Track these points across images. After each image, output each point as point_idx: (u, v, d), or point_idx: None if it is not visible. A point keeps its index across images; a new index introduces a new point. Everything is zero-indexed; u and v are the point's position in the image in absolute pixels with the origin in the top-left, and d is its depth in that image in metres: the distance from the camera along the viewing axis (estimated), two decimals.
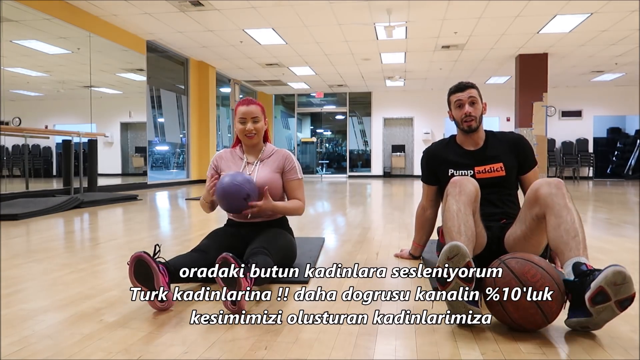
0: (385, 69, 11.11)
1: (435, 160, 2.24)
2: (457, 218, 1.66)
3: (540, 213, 1.67)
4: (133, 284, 1.61)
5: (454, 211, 1.68)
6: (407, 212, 4.88)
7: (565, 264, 1.48)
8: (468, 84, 2.12)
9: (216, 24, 7.51)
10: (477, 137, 2.17)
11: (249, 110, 2.15)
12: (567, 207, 1.58)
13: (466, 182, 1.76)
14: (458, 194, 1.72)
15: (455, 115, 2.15)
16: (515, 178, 2.16)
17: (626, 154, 14.28)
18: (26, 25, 6.21)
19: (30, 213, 4.34)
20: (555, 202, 1.60)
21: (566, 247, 1.50)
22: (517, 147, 2.16)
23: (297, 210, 2.24)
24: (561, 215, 1.57)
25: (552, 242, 1.57)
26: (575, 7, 6.67)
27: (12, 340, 1.38)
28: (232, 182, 1.99)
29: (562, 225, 1.55)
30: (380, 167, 14.82)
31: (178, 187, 9.07)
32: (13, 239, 3.16)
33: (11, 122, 5.82)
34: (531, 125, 9.96)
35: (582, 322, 1.38)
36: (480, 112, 2.12)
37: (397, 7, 6.69)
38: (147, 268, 1.60)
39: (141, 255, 1.61)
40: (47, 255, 2.61)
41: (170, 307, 1.65)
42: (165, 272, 1.67)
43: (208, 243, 2.02)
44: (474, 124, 2.10)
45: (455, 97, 2.13)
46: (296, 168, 2.27)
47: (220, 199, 2.02)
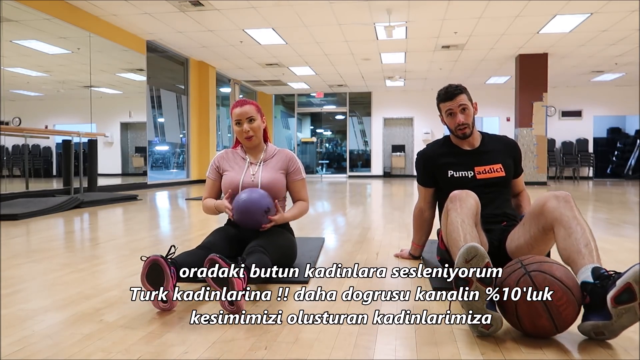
0: (385, 69, 11.11)
1: (433, 162, 2.22)
2: (462, 229, 1.65)
3: (547, 225, 1.66)
4: (143, 285, 1.60)
5: (457, 223, 1.67)
6: (407, 212, 4.88)
7: (580, 270, 1.44)
8: (456, 90, 2.09)
9: (216, 24, 7.51)
10: (472, 139, 2.18)
11: (243, 111, 2.14)
12: (577, 218, 1.56)
13: (466, 196, 1.76)
14: (460, 207, 1.72)
15: (448, 123, 2.15)
16: (511, 179, 2.18)
17: (626, 154, 14.29)
18: (26, 25, 6.21)
19: (30, 213, 4.34)
20: (563, 215, 1.59)
21: (579, 256, 1.47)
22: (514, 151, 2.20)
23: (304, 213, 2.30)
24: (571, 227, 1.55)
25: (564, 252, 1.54)
26: (575, 7, 6.67)
27: (12, 340, 1.37)
28: (249, 198, 2.00)
29: (572, 235, 1.53)
30: (380, 167, 14.82)
31: (178, 187, 9.07)
32: (13, 239, 3.16)
33: (11, 122, 5.83)
34: (531, 125, 9.96)
35: (598, 326, 1.31)
36: (472, 116, 2.12)
37: (397, 7, 6.69)
38: (161, 272, 1.60)
39: (157, 259, 1.61)
40: (47, 255, 2.61)
41: (173, 307, 1.66)
42: (174, 275, 1.68)
43: (212, 240, 2.03)
44: (468, 131, 2.11)
45: (445, 107, 2.12)
46: (300, 168, 2.29)
47: (241, 215, 2.01)
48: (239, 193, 2.09)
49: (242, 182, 2.17)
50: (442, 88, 2.15)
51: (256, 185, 2.16)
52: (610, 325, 1.28)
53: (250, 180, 2.18)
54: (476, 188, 1.96)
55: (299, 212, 2.27)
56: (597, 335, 1.33)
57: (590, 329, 1.33)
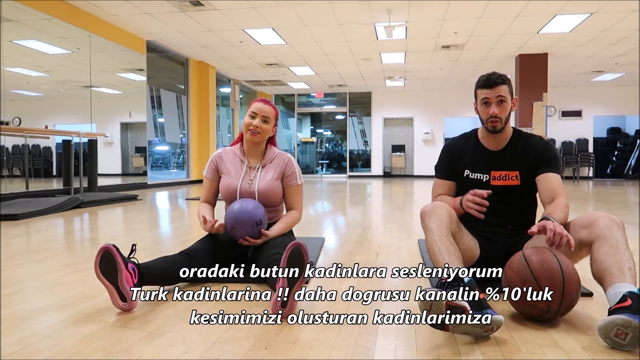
0: (385, 69, 11.11)
1: (457, 153, 2.07)
2: (436, 242, 1.68)
3: (588, 240, 1.62)
4: (97, 276, 1.58)
5: (432, 238, 1.71)
6: (407, 212, 4.88)
7: (619, 284, 1.41)
8: (499, 78, 1.90)
9: (216, 24, 7.51)
10: (500, 138, 1.99)
11: (263, 108, 2.13)
12: (625, 244, 1.54)
13: (437, 209, 1.77)
14: (433, 220, 1.74)
15: (481, 112, 1.95)
16: (532, 188, 1.96)
17: (626, 154, 14.28)
18: (26, 25, 6.21)
19: (30, 213, 4.34)
20: (613, 235, 1.56)
21: (621, 272, 1.44)
22: (540, 154, 1.93)
23: (294, 224, 2.23)
24: (618, 248, 1.52)
25: (602, 264, 1.50)
26: (575, 7, 6.67)
27: (12, 340, 1.37)
28: (242, 209, 1.96)
29: (618, 254, 1.50)
30: (380, 167, 14.82)
31: (178, 187, 9.07)
32: (13, 239, 3.16)
33: (11, 122, 5.82)
34: (531, 125, 9.95)
35: (630, 323, 1.25)
36: (508, 111, 1.92)
37: (397, 7, 6.69)
38: (113, 263, 1.59)
39: (109, 248, 1.59)
40: (47, 255, 2.61)
41: (133, 308, 1.63)
42: (134, 273, 1.66)
43: (198, 247, 2.00)
44: (499, 125, 1.91)
45: (482, 94, 1.92)
46: (296, 173, 2.22)
47: (233, 226, 1.97)
48: (232, 204, 2.04)
49: (239, 188, 2.13)
50: (484, 74, 1.95)
51: (253, 192, 2.12)
52: None
53: (247, 187, 2.14)
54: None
55: (290, 223, 2.18)
56: (616, 336, 1.28)
57: (619, 324, 1.27)
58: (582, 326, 1.50)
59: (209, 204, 2.25)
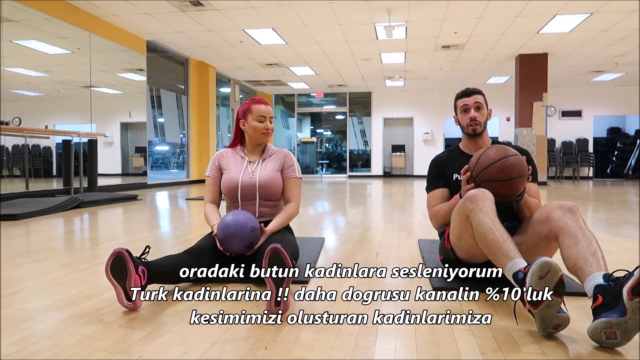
0: (385, 69, 11.11)
1: (443, 163, 2.22)
2: (495, 229, 1.60)
3: (551, 235, 1.66)
4: (107, 276, 1.61)
5: (488, 223, 1.62)
6: (407, 212, 4.88)
7: (588, 277, 1.43)
8: (474, 90, 2.16)
9: (216, 24, 7.51)
10: (481, 143, 2.17)
11: (268, 110, 2.25)
12: (582, 228, 1.57)
13: (482, 193, 1.71)
14: (483, 205, 1.66)
15: (461, 120, 2.17)
16: None
17: (626, 154, 14.28)
18: (26, 25, 6.21)
19: (30, 213, 4.34)
20: (569, 225, 1.59)
21: (586, 263, 1.46)
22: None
23: (292, 217, 2.24)
24: (577, 236, 1.55)
25: (570, 260, 1.53)
26: (575, 7, 6.67)
27: (12, 340, 1.37)
28: (235, 220, 1.95)
29: (579, 244, 1.52)
30: (380, 167, 14.82)
31: (178, 187, 9.07)
32: (13, 239, 3.16)
33: (11, 122, 5.83)
34: (531, 125, 9.96)
35: (611, 323, 1.26)
36: (485, 117, 2.15)
37: (397, 7, 6.69)
38: (124, 267, 1.62)
39: (121, 252, 1.62)
40: (47, 255, 2.61)
41: (138, 307, 1.65)
42: (144, 275, 1.68)
43: (201, 246, 2.02)
44: (479, 129, 2.13)
45: (461, 102, 2.16)
46: (295, 166, 2.29)
47: (226, 239, 1.95)
48: (223, 218, 2.02)
49: (241, 180, 2.19)
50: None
51: (254, 183, 2.17)
52: (624, 323, 1.25)
53: (248, 178, 2.19)
54: None
55: (287, 217, 2.20)
56: (607, 338, 1.29)
57: (603, 328, 1.28)
58: (582, 326, 1.49)
59: (215, 205, 2.28)
